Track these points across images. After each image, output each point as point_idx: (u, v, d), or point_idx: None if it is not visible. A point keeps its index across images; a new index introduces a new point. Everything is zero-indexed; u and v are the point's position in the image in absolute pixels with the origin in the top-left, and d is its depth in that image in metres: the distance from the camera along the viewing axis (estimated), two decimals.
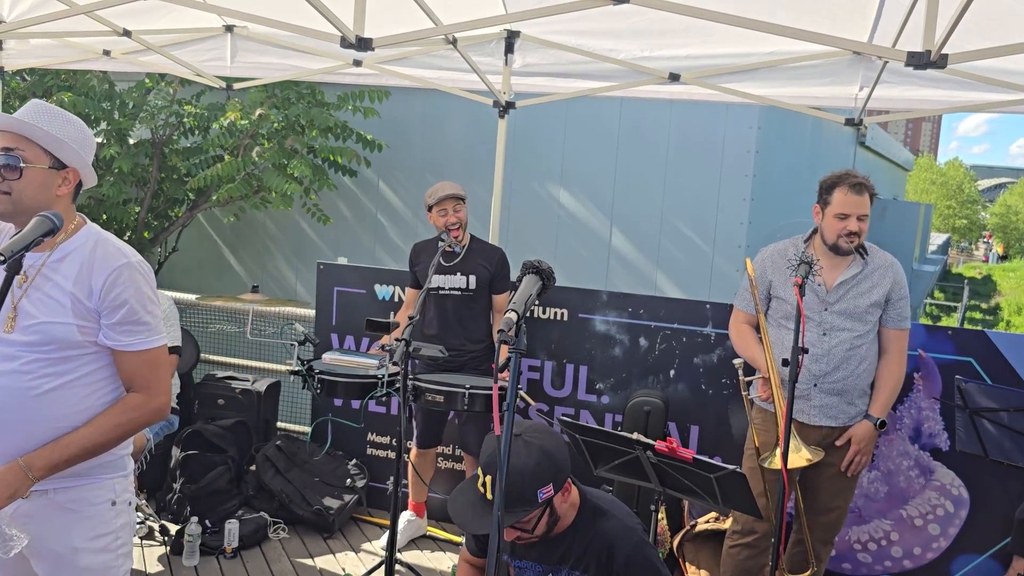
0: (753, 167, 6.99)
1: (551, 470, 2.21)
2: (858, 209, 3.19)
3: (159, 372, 2.15)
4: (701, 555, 3.95)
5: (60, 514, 2.10)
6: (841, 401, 3.28)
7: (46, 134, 2.07)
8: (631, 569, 2.25)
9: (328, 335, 4.87)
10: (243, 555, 4.22)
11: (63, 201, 2.15)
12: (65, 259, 2.09)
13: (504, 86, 4.62)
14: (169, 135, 8.33)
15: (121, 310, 2.07)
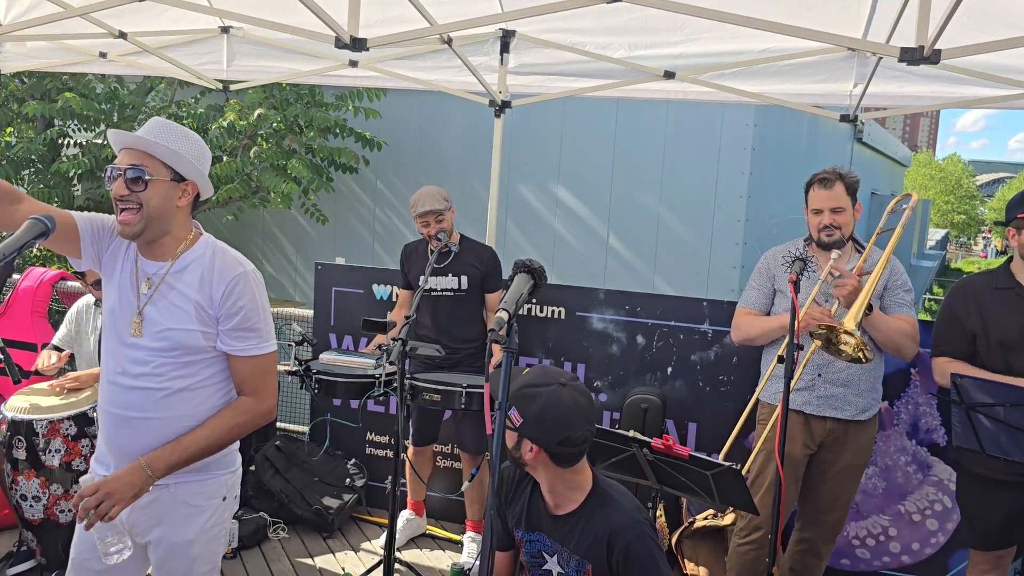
0: (750, 164, 7.00)
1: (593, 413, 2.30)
2: (829, 203, 3.23)
3: (267, 378, 2.31)
4: (700, 551, 3.95)
5: (179, 508, 2.28)
6: (848, 392, 3.29)
7: (166, 149, 2.20)
8: (629, 560, 2.26)
9: (327, 335, 4.88)
10: (243, 555, 4.23)
11: (183, 212, 2.29)
12: (187, 269, 2.25)
13: (500, 85, 4.62)
14: None
15: (236, 316, 2.23)
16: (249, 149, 7.76)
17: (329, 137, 7.94)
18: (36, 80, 7.72)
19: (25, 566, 3.87)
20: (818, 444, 3.35)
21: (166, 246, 2.27)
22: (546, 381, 2.23)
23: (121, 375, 2.26)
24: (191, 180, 2.28)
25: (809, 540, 3.41)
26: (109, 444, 2.31)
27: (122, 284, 2.28)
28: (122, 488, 2.12)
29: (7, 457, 3.74)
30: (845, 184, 3.25)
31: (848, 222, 3.26)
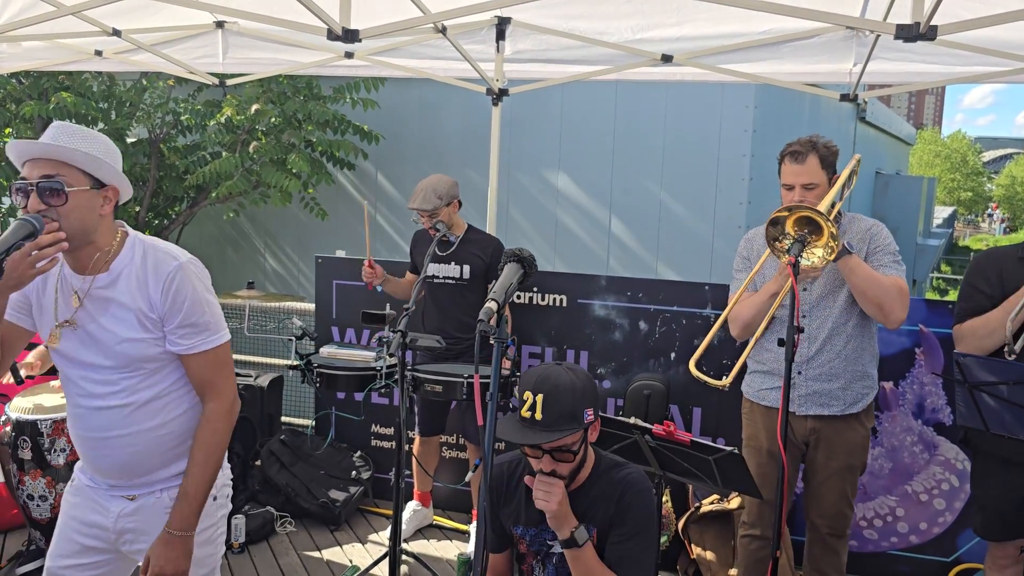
0: (751, 146, 6.95)
1: (593, 393, 2.29)
2: (799, 178, 3.00)
3: (224, 370, 2.21)
4: (706, 536, 3.95)
5: (167, 514, 2.19)
6: (833, 387, 3.11)
7: (85, 155, 2.03)
8: (633, 507, 2.29)
9: (328, 328, 4.88)
10: (250, 549, 4.24)
11: (107, 220, 2.13)
12: (119, 277, 2.11)
13: (497, 73, 4.60)
14: (166, 133, 8.32)
15: (180, 313, 2.11)
16: (248, 144, 7.75)
17: (328, 131, 7.92)
18: (33, 80, 7.72)
19: (34, 565, 3.88)
20: (803, 443, 3.19)
21: (91, 256, 2.11)
22: (549, 369, 2.27)
23: (85, 398, 2.16)
24: (111, 184, 2.12)
25: (820, 538, 3.24)
26: (91, 464, 2.24)
27: (48, 299, 2.16)
28: (174, 563, 2.12)
29: (13, 458, 3.76)
30: (819, 156, 3.00)
31: (820, 199, 2.99)
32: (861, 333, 3.13)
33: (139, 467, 2.19)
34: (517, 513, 2.43)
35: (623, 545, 2.30)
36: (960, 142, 59.08)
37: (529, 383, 2.23)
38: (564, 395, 2.20)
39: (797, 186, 3.01)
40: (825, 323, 3.10)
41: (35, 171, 2.01)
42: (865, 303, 3.02)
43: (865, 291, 2.97)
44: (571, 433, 2.20)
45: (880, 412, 3.98)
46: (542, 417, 2.18)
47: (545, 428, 2.19)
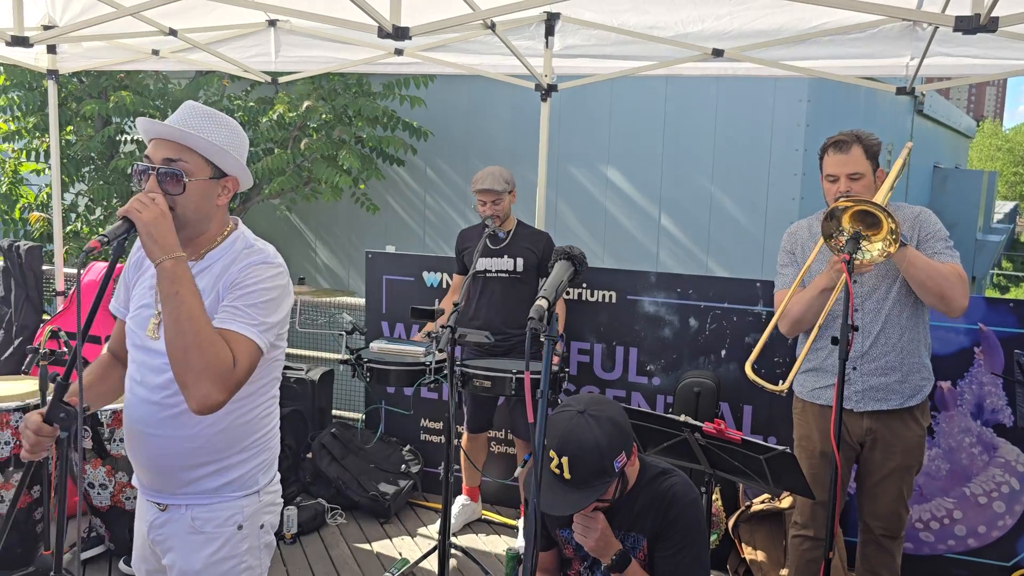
0: (804, 141, 6.84)
1: (621, 438, 2.24)
2: (845, 167, 2.93)
3: (241, 359, 1.92)
4: (757, 536, 3.90)
5: (189, 534, 2.07)
6: (891, 380, 3.03)
7: (210, 144, 1.97)
8: (682, 519, 2.28)
9: (378, 323, 4.92)
10: (302, 540, 4.31)
11: (221, 211, 2.07)
12: (210, 267, 2.04)
13: (546, 69, 4.59)
14: None
15: (238, 290, 1.97)
16: (299, 141, 7.86)
17: (377, 127, 7.99)
18: (93, 79, 7.92)
19: (96, 551, 4.00)
20: (858, 443, 3.12)
21: (197, 244, 2.05)
22: (571, 425, 2.22)
23: (139, 384, 2.06)
24: (232, 176, 2.05)
25: (874, 540, 3.18)
26: (130, 457, 2.14)
27: (147, 282, 2.09)
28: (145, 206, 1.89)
29: (75, 446, 3.86)
30: (864, 147, 2.94)
31: (867, 191, 2.92)
32: (915, 324, 3.06)
33: (168, 471, 2.06)
34: (562, 517, 2.42)
35: (673, 559, 2.28)
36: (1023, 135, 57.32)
37: (553, 440, 2.20)
38: (589, 456, 2.17)
39: (842, 176, 2.95)
40: (878, 316, 3.04)
41: (159, 152, 1.96)
42: (926, 294, 2.94)
43: (925, 282, 2.89)
44: (604, 488, 2.19)
45: (937, 412, 3.89)
46: (571, 477, 2.17)
47: (575, 487, 2.17)
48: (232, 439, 2.07)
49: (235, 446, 2.07)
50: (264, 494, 2.14)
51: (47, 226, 7.96)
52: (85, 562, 3.96)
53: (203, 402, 1.86)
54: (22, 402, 3.76)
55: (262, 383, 2.09)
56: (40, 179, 8.62)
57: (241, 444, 2.08)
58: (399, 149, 8.05)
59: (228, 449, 2.07)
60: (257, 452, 2.12)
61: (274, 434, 2.19)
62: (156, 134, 1.99)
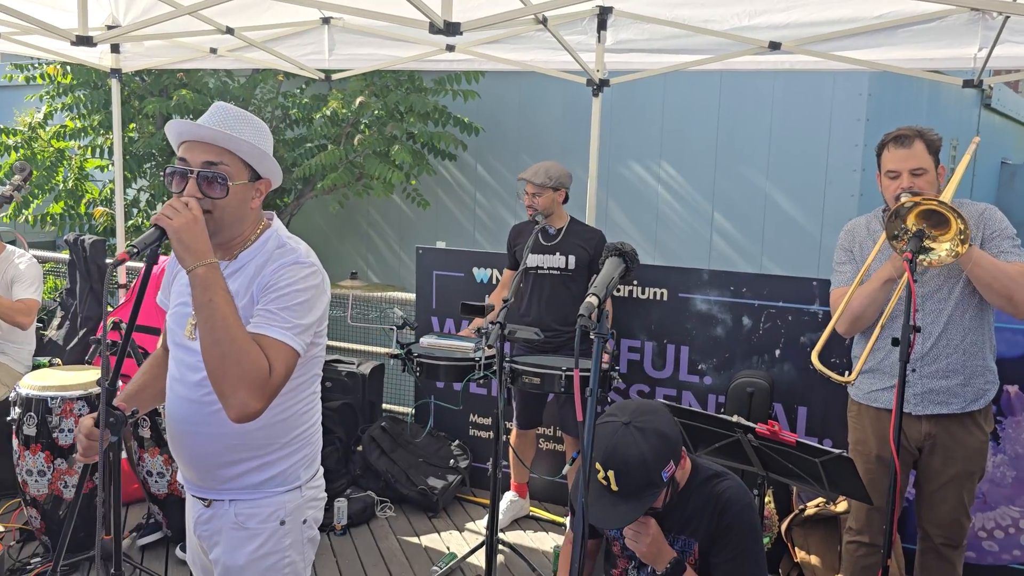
0: (864, 136, 6.66)
1: (668, 448, 2.22)
2: (907, 163, 2.83)
3: (277, 364, 1.90)
4: (811, 540, 3.82)
5: (233, 530, 2.08)
6: (952, 383, 2.93)
7: (253, 148, 1.96)
8: (737, 524, 2.24)
9: (429, 318, 4.94)
10: (352, 532, 4.35)
11: (254, 213, 2.05)
12: (243, 267, 2.02)
13: (598, 64, 4.55)
14: (275, 127, 8.60)
15: (272, 293, 1.94)
16: (352, 137, 7.93)
17: (428, 123, 8.03)
18: (154, 78, 8.10)
19: (153, 537, 4.10)
20: (917, 448, 3.03)
21: (231, 246, 2.05)
22: (616, 438, 2.21)
23: (178, 382, 2.07)
24: (266, 178, 2.04)
25: (933, 548, 3.08)
26: (174, 454, 2.15)
27: (184, 279, 2.02)
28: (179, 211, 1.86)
29: (134, 435, 3.96)
30: (926, 142, 2.85)
31: (930, 187, 2.83)
32: (979, 325, 2.95)
33: (210, 467, 2.06)
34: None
35: (731, 564, 2.25)
36: None
37: (599, 453, 2.18)
38: (635, 471, 2.16)
39: (904, 172, 2.85)
40: (940, 316, 2.94)
41: (196, 155, 1.93)
42: (991, 295, 2.84)
43: (991, 283, 2.79)
44: (653, 499, 2.17)
45: (1004, 417, 3.76)
46: (618, 489, 2.15)
47: (623, 498, 2.15)
48: (272, 435, 2.06)
49: (276, 442, 2.07)
50: (306, 489, 2.14)
51: (110, 220, 8.17)
52: (144, 548, 4.05)
53: (241, 411, 1.86)
54: (85, 391, 3.86)
55: (301, 380, 2.09)
56: (104, 175, 8.85)
57: (282, 440, 2.08)
58: (450, 145, 8.07)
59: (269, 445, 2.07)
60: (298, 448, 2.12)
61: (315, 430, 2.19)
62: (195, 136, 1.95)
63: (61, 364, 4.91)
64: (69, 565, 3.80)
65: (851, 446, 3.19)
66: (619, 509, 2.14)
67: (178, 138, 1.98)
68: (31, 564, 3.84)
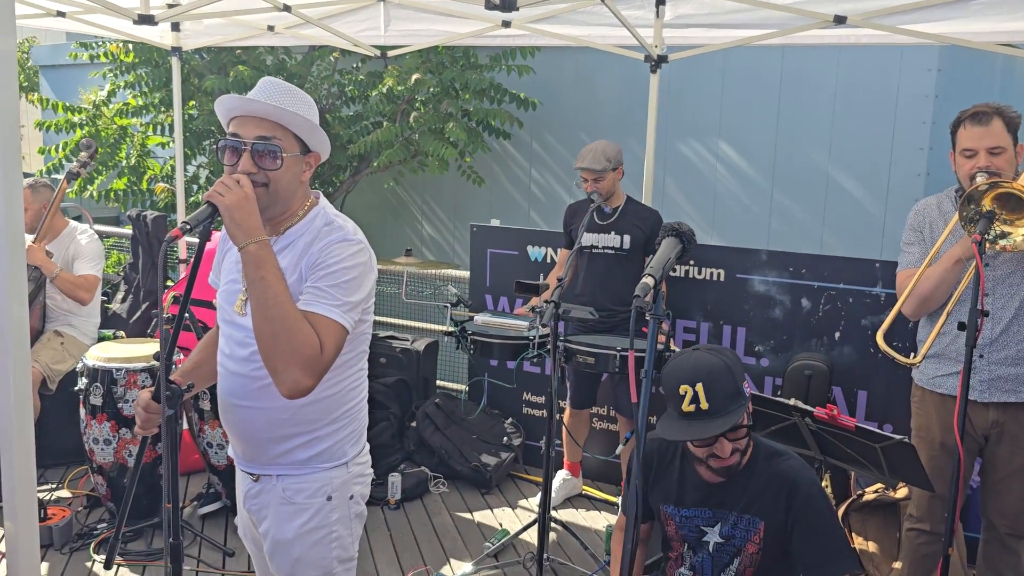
0: (932, 113, 6.43)
1: (741, 365, 2.26)
2: (985, 141, 2.73)
3: (327, 343, 1.91)
4: (869, 526, 3.75)
5: (280, 504, 2.10)
6: (1021, 371, 2.84)
7: (305, 121, 1.99)
8: (812, 504, 2.21)
9: (482, 296, 4.95)
10: (405, 507, 4.41)
11: (304, 187, 2.08)
12: (292, 244, 2.03)
13: (656, 40, 4.47)
14: (332, 104, 8.66)
15: (320, 270, 1.96)
16: (408, 114, 7.95)
17: (484, 100, 8.00)
18: (214, 56, 8.21)
19: (214, 506, 4.20)
20: (983, 436, 2.94)
21: (279, 221, 2.06)
22: (693, 357, 2.23)
23: (228, 358, 2.10)
24: (315, 151, 2.06)
25: (998, 538, 3.01)
26: (226, 429, 2.18)
27: (234, 256, 2.07)
28: (232, 191, 1.89)
29: (195, 408, 4.06)
30: (1004, 120, 2.76)
31: (1008, 165, 2.74)
32: None
33: (258, 442, 2.09)
34: (668, 492, 2.38)
35: (817, 543, 2.22)
36: None
37: (681, 377, 2.18)
38: (723, 376, 2.16)
39: (982, 151, 2.76)
40: (1011, 301, 2.85)
41: (248, 129, 1.95)
42: None
43: None
44: (742, 411, 2.17)
45: None
46: (708, 405, 2.13)
47: (716, 415, 2.14)
48: (321, 411, 2.08)
49: (324, 418, 2.09)
50: (353, 465, 2.16)
51: (171, 196, 8.33)
52: (204, 517, 4.16)
53: (293, 387, 1.88)
54: (148, 364, 3.97)
55: (350, 356, 2.10)
56: (165, 152, 9.02)
57: (330, 416, 2.10)
58: (505, 122, 8.04)
59: (317, 421, 2.08)
60: (346, 424, 2.14)
61: (362, 406, 2.21)
62: (246, 111, 1.97)
63: (125, 336, 5.05)
64: (133, 531, 3.92)
65: (914, 432, 3.12)
66: (713, 423, 2.14)
67: (228, 114, 2.00)
68: (98, 529, 3.97)
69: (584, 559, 3.88)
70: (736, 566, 2.30)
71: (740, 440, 2.21)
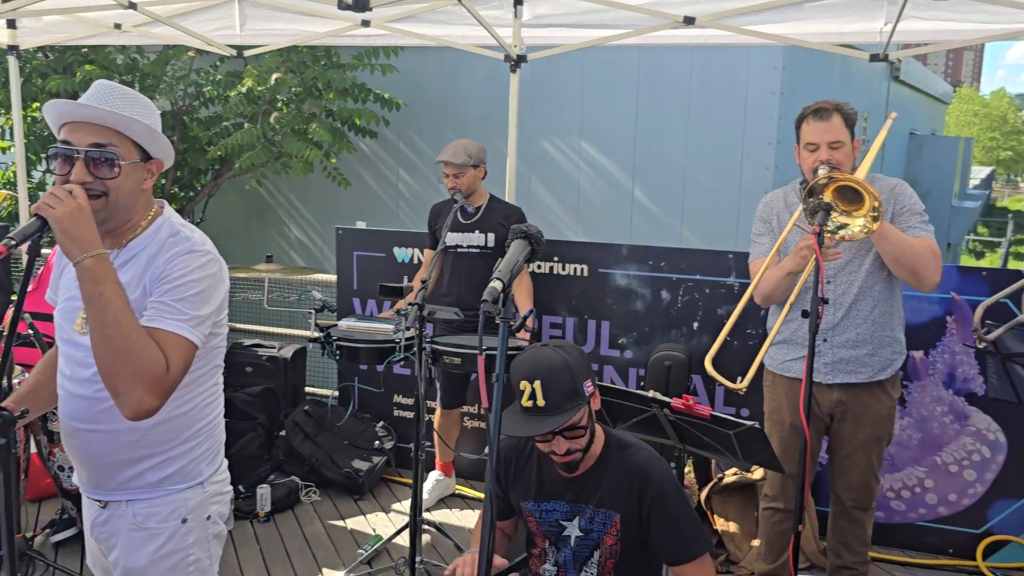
0: (779, 109, 6.80)
1: (587, 365, 2.27)
2: (825, 136, 2.89)
3: (174, 359, 1.82)
4: (729, 507, 3.92)
5: (131, 531, 2.00)
6: (861, 353, 3.02)
7: (144, 127, 1.87)
8: (664, 494, 2.27)
9: (350, 300, 4.87)
10: (276, 518, 4.29)
11: (146, 196, 1.96)
12: (134, 258, 1.92)
13: (515, 39, 4.51)
14: (189, 105, 8.33)
15: (165, 284, 1.86)
16: (269, 115, 7.74)
17: (348, 100, 7.88)
18: (59, 55, 7.74)
19: (68, 533, 3.96)
20: (828, 415, 3.12)
21: (120, 233, 1.95)
22: (537, 353, 2.25)
23: (68, 379, 1.97)
24: (157, 158, 1.95)
25: (845, 511, 3.20)
26: (66, 449, 2.05)
27: (72, 272, 1.89)
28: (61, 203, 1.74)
29: (43, 430, 3.82)
30: (843, 116, 2.92)
31: (847, 159, 2.91)
32: (888, 297, 3.05)
33: (105, 467, 1.97)
34: (527, 488, 2.41)
35: (668, 531, 2.28)
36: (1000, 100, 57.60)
37: (522, 372, 2.20)
38: (561, 375, 2.18)
39: (823, 144, 2.92)
40: (851, 288, 3.02)
41: (80, 136, 1.83)
42: (899, 269, 2.94)
43: (898, 258, 2.89)
44: (577, 410, 2.18)
45: (909, 382, 3.90)
46: (544, 403, 2.16)
47: (550, 412, 2.16)
48: (172, 431, 1.98)
49: (176, 438, 2.00)
50: (209, 484, 2.07)
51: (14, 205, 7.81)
52: (57, 545, 3.92)
53: (137, 409, 1.78)
54: None
55: (202, 371, 2.01)
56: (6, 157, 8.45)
57: (182, 435, 2.01)
58: (370, 121, 7.94)
59: (169, 441, 1.99)
60: (200, 442, 2.05)
61: (218, 423, 2.12)
62: (78, 117, 1.85)
63: None
64: None
65: (767, 415, 3.27)
66: (546, 421, 2.16)
67: (59, 119, 1.87)
68: None
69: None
70: (597, 559, 2.34)
71: (578, 440, 2.24)
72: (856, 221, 2.74)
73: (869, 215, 2.70)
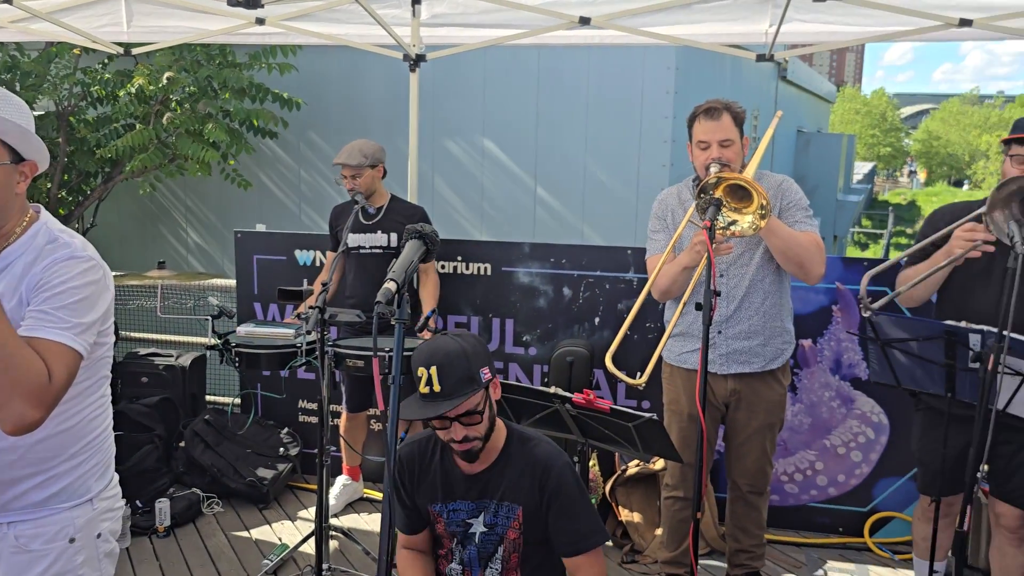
0: (673, 108, 6.98)
1: (484, 352, 2.30)
2: (716, 135, 2.99)
3: (57, 368, 1.75)
4: (633, 498, 4.01)
5: (14, 555, 1.89)
6: (753, 344, 3.15)
7: (15, 126, 1.78)
8: (563, 486, 2.31)
9: (251, 305, 4.76)
10: (176, 533, 4.16)
11: (20, 200, 1.86)
12: (10, 266, 1.84)
13: (413, 39, 4.50)
14: (75, 105, 7.97)
15: (44, 292, 1.78)
16: (162, 115, 7.48)
17: (246, 100, 7.69)
18: None
19: None
20: (724, 404, 3.24)
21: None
22: (436, 341, 2.28)
23: None
24: (31, 160, 1.86)
25: (741, 496, 3.32)
26: None
27: None
28: None
29: None
30: (732, 115, 3.03)
31: (737, 157, 3.02)
32: (778, 289, 3.18)
33: None
34: (432, 491, 2.41)
35: (566, 523, 2.31)
36: (880, 99, 60.61)
37: (421, 359, 2.23)
38: (457, 361, 2.21)
39: (714, 143, 3.01)
40: (742, 281, 3.14)
41: None
42: (786, 263, 3.07)
43: (785, 251, 3.01)
44: (472, 394, 2.21)
45: (799, 369, 4.07)
46: (440, 388, 2.18)
47: (446, 397, 2.19)
48: (56, 447, 1.90)
49: (61, 454, 1.91)
50: (99, 501, 1.99)
51: None
52: None
53: (19, 422, 1.69)
54: None
55: (88, 383, 1.94)
56: None
57: (68, 451, 1.92)
58: (269, 122, 7.77)
59: (54, 459, 1.90)
60: (88, 457, 1.97)
61: (106, 436, 2.04)
62: None
63: None
64: None
65: (666, 406, 3.36)
66: (442, 404, 2.19)
67: None
68: None
69: (367, 564, 3.84)
70: (501, 554, 2.37)
71: (475, 427, 2.27)
72: (745, 218, 2.85)
73: (757, 212, 2.81)
